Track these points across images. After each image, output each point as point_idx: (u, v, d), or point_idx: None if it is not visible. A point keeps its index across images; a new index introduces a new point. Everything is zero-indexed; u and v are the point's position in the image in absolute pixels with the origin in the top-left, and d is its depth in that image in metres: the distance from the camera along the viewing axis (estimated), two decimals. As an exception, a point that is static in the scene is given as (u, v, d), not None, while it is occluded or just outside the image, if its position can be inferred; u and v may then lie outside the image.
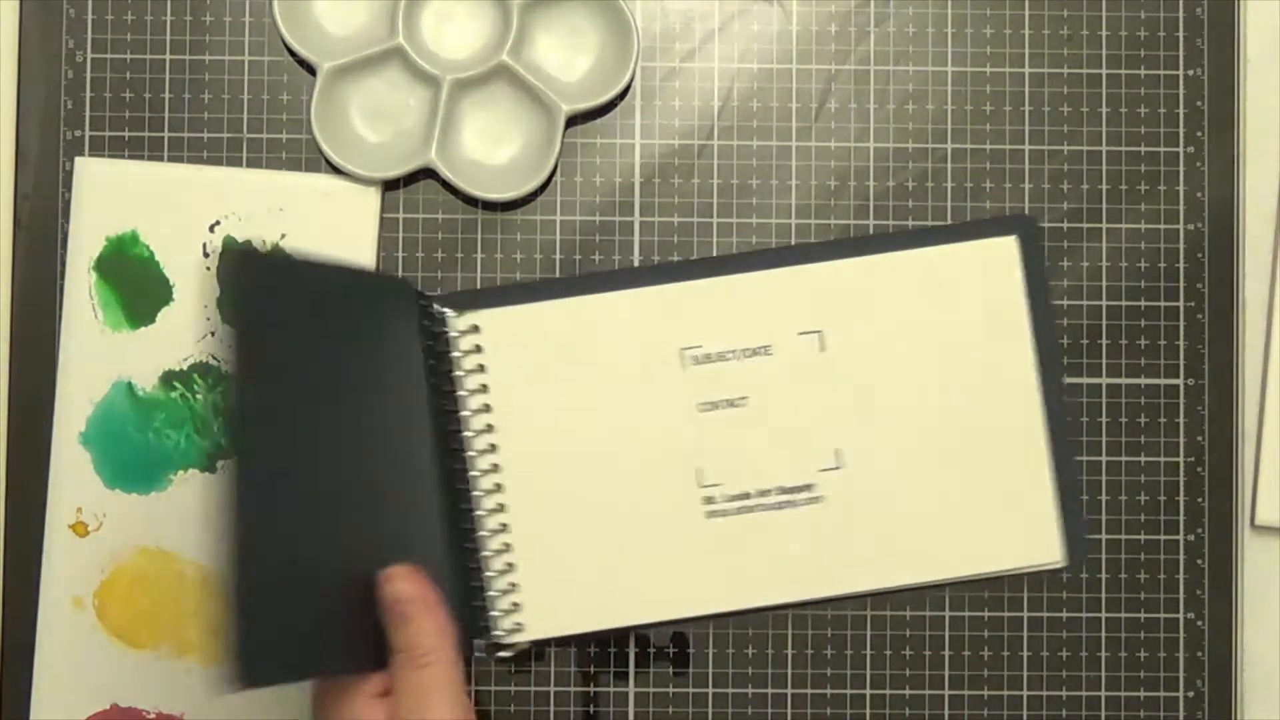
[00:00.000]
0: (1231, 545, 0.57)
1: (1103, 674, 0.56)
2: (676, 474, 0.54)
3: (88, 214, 0.55)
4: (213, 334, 0.55)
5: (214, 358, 0.55)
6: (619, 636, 0.56)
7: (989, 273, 0.54)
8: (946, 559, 0.54)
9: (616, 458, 0.53)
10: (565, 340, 0.54)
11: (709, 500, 0.54)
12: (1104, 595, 0.56)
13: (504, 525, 0.53)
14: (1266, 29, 0.57)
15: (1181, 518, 0.57)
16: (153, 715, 0.55)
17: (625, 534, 0.53)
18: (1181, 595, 0.56)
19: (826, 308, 0.54)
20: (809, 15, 0.57)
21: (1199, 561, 0.57)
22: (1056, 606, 0.56)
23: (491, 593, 0.52)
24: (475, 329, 0.53)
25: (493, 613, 0.52)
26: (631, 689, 0.56)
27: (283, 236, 0.55)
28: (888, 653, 0.56)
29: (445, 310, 0.53)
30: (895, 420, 0.54)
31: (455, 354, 0.53)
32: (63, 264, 0.56)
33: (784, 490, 0.54)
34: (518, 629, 0.53)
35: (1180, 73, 0.57)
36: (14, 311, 0.56)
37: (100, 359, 0.55)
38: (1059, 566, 0.55)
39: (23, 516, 0.56)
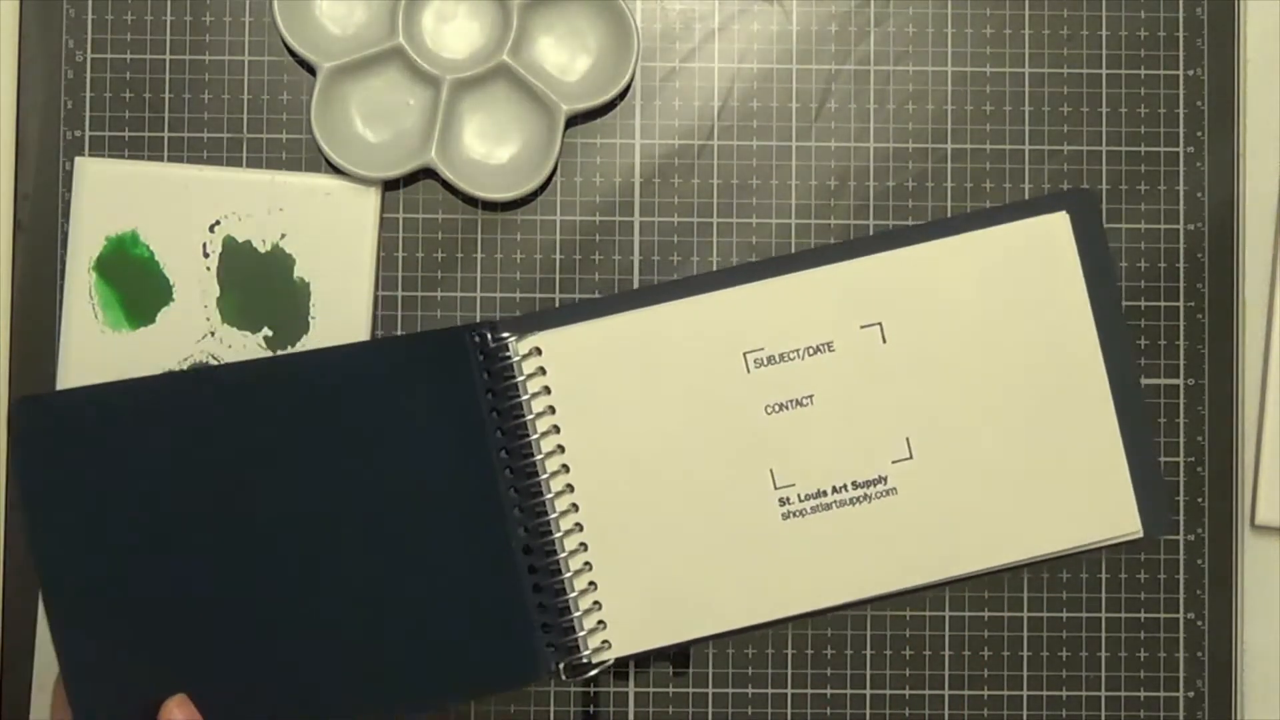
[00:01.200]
0: (1231, 545, 0.57)
1: (1103, 674, 0.56)
2: (749, 478, 0.54)
3: (88, 214, 0.55)
4: (212, 334, 0.55)
5: (214, 358, 0.55)
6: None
7: (1043, 250, 0.54)
8: (1024, 540, 0.54)
9: (688, 467, 0.53)
10: (628, 355, 0.54)
11: (784, 501, 0.54)
12: (1104, 595, 0.56)
13: (583, 544, 0.53)
14: (1266, 29, 0.57)
15: (1181, 518, 0.57)
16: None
17: (703, 542, 0.53)
18: (1181, 595, 0.56)
19: (884, 299, 0.54)
20: (809, 15, 0.57)
21: (1199, 561, 0.57)
22: (1056, 606, 0.56)
23: (576, 613, 0.52)
24: (537, 351, 0.53)
25: (579, 633, 0.52)
26: (631, 689, 0.56)
27: (283, 236, 0.55)
28: (888, 653, 0.56)
29: (506, 335, 0.53)
30: (962, 405, 0.54)
31: (519, 378, 0.53)
32: (63, 264, 0.56)
33: (857, 485, 0.54)
34: (605, 647, 0.53)
35: (1180, 73, 0.57)
36: (14, 311, 0.56)
37: (100, 359, 0.55)
38: (1138, 537, 0.54)
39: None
